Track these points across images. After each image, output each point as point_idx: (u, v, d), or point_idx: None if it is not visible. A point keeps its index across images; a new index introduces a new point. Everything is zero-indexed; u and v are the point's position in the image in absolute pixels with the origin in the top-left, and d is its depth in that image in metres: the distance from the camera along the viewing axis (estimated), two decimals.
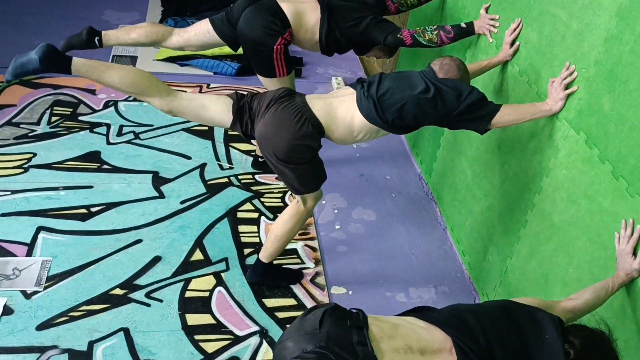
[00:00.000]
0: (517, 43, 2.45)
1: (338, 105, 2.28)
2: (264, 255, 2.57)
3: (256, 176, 3.33)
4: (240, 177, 3.31)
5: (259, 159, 3.33)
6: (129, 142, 3.44)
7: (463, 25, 2.71)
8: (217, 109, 2.29)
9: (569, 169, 2.09)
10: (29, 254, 2.65)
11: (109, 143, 3.41)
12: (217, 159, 3.41)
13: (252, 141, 3.36)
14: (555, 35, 2.19)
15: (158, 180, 3.17)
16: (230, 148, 3.52)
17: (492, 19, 2.63)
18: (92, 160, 3.26)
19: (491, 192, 2.68)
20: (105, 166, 3.23)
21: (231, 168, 3.36)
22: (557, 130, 2.17)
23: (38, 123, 3.49)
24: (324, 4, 2.87)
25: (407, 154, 3.77)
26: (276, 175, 2.57)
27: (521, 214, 2.42)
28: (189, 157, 3.38)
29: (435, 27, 2.71)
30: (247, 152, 3.50)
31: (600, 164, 1.93)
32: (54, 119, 3.55)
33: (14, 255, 2.62)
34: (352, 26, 2.84)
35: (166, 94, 2.26)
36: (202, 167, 3.33)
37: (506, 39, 2.48)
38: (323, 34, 2.87)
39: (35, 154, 3.23)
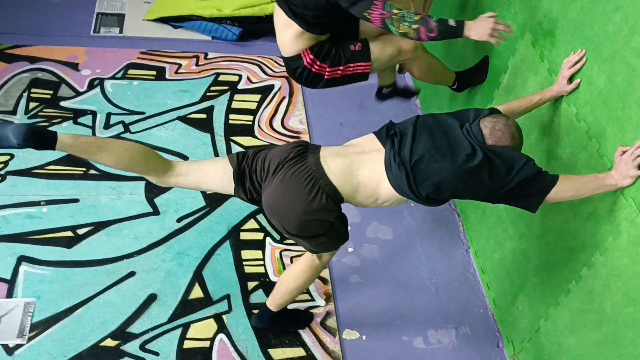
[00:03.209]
0: (578, 79, 2.03)
1: (360, 167, 1.89)
2: (272, 305, 2.31)
3: None
4: None
5: None
6: (117, 136, 3.06)
7: (452, 23, 2.07)
8: (217, 180, 1.95)
9: (633, 261, 1.77)
10: (10, 293, 2.39)
11: None
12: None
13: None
14: (631, 91, 1.77)
15: (152, 191, 2.84)
16: (232, 143, 3.15)
17: (498, 23, 2.07)
18: (78, 163, 2.90)
19: (527, 237, 2.37)
20: (92, 171, 2.88)
21: None
22: (621, 209, 1.82)
23: (14, 112, 3.09)
24: None
25: None
26: None
27: (563, 280, 2.13)
28: (185, 157, 3.02)
29: (417, 17, 2.04)
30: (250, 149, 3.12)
31: None
32: (32, 105, 3.15)
33: None
34: None
35: (163, 172, 1.93)
36: None
37: (564, 72, 2.05)
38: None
39: (12, 156, 2.88)
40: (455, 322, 2.60)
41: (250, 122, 3.28)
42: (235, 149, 3.11)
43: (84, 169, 2.88)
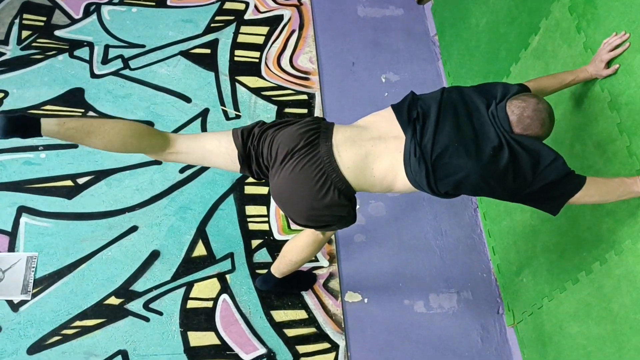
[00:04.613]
0: (616, 65, 1.85)
1: (376, 159, 1.74)
2: (276, 272, 2.30)
3: None
4: None
5: None
6: (116, 73, 2.90)
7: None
8: (220, 160, 1.82)
9: None
10: (12, 246, 2.37)
11: (93, 75, 2.87)
12: (222, 102, 2.91)
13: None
14: None
15: None
16: (237, 84, 2.98)
17: None
18: (75, 103, 2.77)
19: (540, 215, 2.30)
20: (90, 112, 2.76)
21: (238, 117, 2.87)
22: None
23: (6, 42, 2.90)
24: None
25: None
26: None
27: (573, 268, 2.09)
28: (188, 100, 2.88)
29: None
30: (256, 92, 2.97)
31: None
32: (24, 34, 2.95)
33: None
34: None
35: (161, 150, 1.79)
36: (204, 115, 2.85)
37: (602, 55, 1.87)
38: None
39: (7, 93, 2.74)
40: (458, 286, 2.60)
41: (257, 60, 3.09)
42: (242, 93, 2.95)
43: (82, 110, 2.75)
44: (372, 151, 1.74)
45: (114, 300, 2.32)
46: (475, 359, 2.45)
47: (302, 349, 2.34)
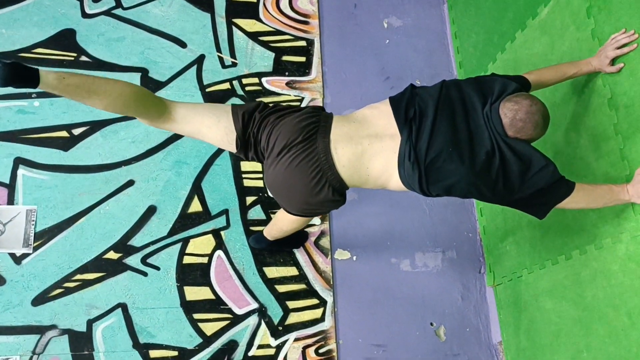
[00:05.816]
0: (621, 64, 1.82)
1: (372, 158, 1.75)
2: (268, 235, 2.39)
3: (263, 80, 2.82)
4: (244, 81, 2.80)
5: None
6: (109, 12, 2.79)
7: None
8: (216, 138, 1.80)
9: (624, 273, 1.80)
10: (11, 199, 2.42)
11: (84, 15, 2.76)
12: (218, 48, 2.83)
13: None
14: None
15: (148, 84, 2.69)
16: (234, 28, 2.88)
17: None
18: (67, 46, 2.69)
19: None
20: (83, 57, 2.68)
21: (234, 64, 2.81)
22: (628, 220, 1.79)
23: None
24: None
25: (449, 62, 3.14)
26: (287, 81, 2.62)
27: (554, 249, 2.18)
28: (184, 45, 2.79)
29: None
30: (254, 37, 2.88)
31: None
32: None
33: None
34: None
35: (157, 115, 1.76)
36: (199, 62, 2.78)
37: (608, 51, 1.83)
38: None
39: None
40: (443, 246, 2.70)
41: (256, 0, 2.96)
42: (239, 38, 2.86)
43: (75, 55, 2.68)
44: (368, 150, 1.75)
45: (112, 255, 2.41)
46: (455, 315, 2.61)
47: (292, 304, 2.48)
